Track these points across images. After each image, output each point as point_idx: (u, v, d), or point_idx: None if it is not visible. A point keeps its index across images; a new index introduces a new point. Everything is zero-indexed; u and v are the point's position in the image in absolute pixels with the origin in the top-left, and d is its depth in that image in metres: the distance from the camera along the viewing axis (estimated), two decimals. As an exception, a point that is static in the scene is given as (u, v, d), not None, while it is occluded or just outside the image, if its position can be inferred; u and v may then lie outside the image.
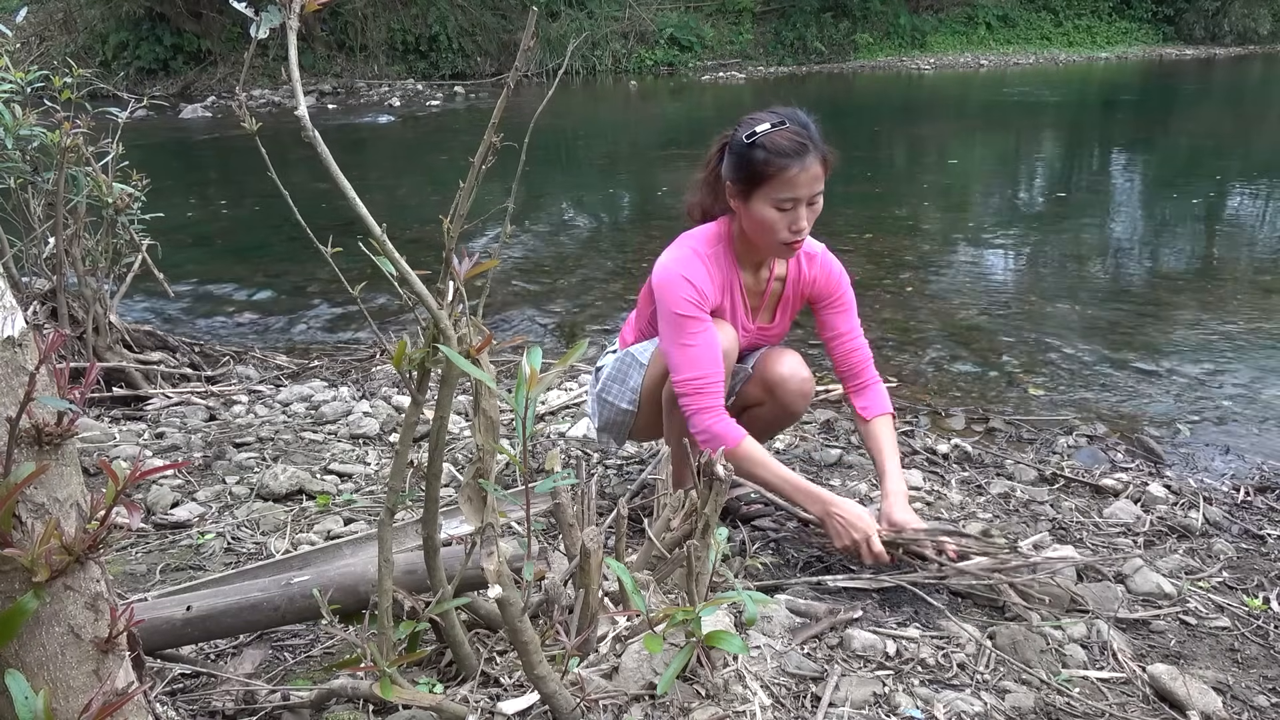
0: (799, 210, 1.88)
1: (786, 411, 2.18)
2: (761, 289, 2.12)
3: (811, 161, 1.86)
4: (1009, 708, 1.52)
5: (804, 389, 2.13)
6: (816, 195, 1.90)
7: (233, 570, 1.88)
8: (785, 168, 1.85)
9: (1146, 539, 2.28)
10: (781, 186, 1.86)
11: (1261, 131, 11.79)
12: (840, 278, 2.13)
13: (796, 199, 1.87)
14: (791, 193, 1.86)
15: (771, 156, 1.85)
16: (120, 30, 17.73)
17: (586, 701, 1.32)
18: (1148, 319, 4.43)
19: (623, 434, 2.23)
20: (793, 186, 1.86)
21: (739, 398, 2.22)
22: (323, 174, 1.03)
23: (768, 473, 1.95)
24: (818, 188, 1.89)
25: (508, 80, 1.10)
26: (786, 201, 1.87)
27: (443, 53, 19.22)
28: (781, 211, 1.88)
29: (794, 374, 2.12)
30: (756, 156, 1.86)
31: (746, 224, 1.96)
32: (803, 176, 1.85)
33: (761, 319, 2.16)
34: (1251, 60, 23.20)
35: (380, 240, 1.11)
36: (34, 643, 0.90)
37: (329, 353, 4.11)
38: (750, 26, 22.24)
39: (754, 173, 1.87)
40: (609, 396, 2.18)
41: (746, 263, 2.07)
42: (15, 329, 0.87)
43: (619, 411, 2.17)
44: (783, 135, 1.86)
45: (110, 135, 3.15)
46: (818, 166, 1.87)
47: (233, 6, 1.05)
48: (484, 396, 1.27)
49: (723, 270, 2.02)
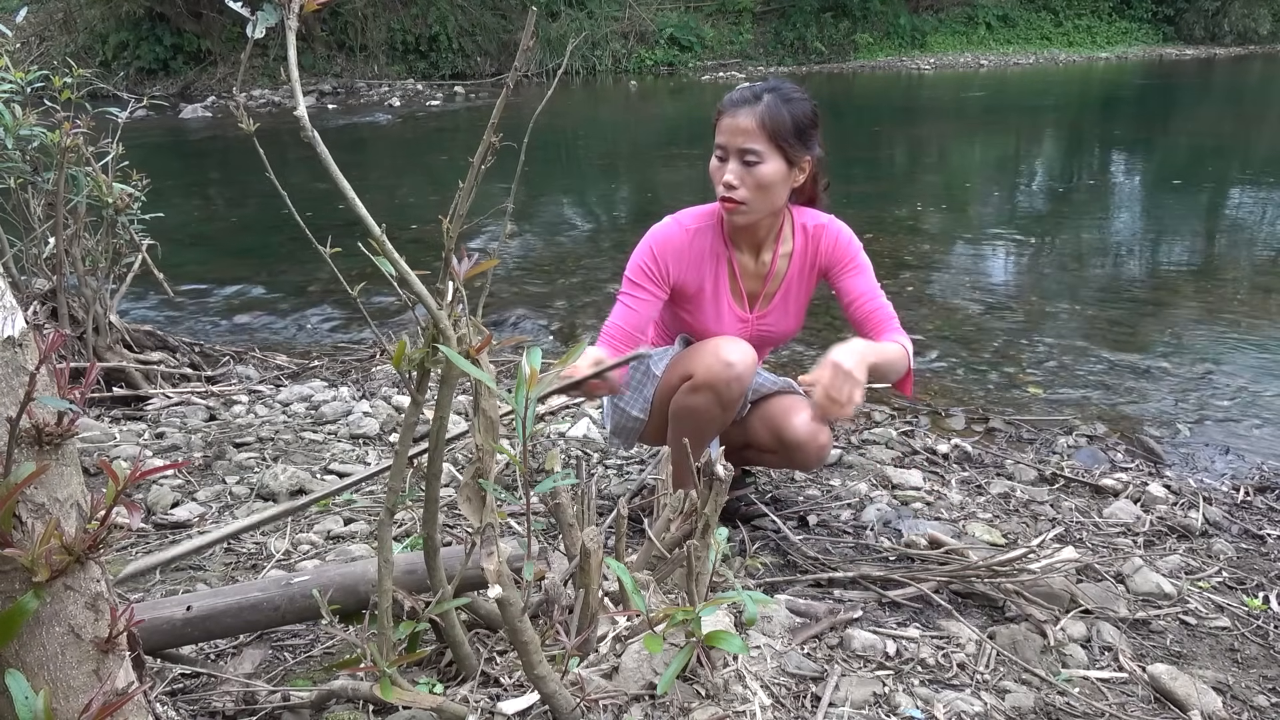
0: (728, 163, 1.92)
1: (796, 467, 2.21)
2: (763, 271, 2.08)
3: (744, 113, 1.88)
4: (1009, 708, 1.52)
5: (822, 455, 2.10)
6: (747, 153, 1.88)
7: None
8: (720, 114, 1.93)
9: (1146, 539, 2.28)
10: (718, 134, 1.93)
11: (1261, 131, 11.79)
12: (850, 242, 2.07)
13: (725, 147, 1.91)
14: (721, 138, 1.92)
15: (720, 104, 1.94)
16: (120, 30, 17.72)
17: (586, 701, 1.32)
18: (1148, 319, 4.43)
19: (632, 439, 2.24)
20: (723, 134, 1.92)
21: (748, 431, 2.17)
22: (323, 174, 1.03)
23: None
24: (743, 142, 1.88)
25: (508, 80, 1.10)
26: (719, 149, 1.93)
27: (443, 53, 19.22)
28: (718, 161, 1.94)
29: (813, 439, 2.05)
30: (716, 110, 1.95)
31: None
32: (729, 125, 1.90)
33: (759, 307, 2.10)
34: (1251, 60, 23.20)
35: (380, 240, 1.10)
36: (34, 643, 0.90)
37: (329, 353, 4.11)
38: (750, 26, 22.23)
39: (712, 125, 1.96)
40: (621, 403, 2.17)
41: (741, 241, 2.05)
42: (15, 329, 0.87)
43: (630, 418, 2.17)
44: (739, 91, 1.94)
45: (110, 135, 3.14)
46: (750, 121, 1.87)
47: (231, 7, 1.05)
48: (484, 396, 1.27)
49: (708, 247, 2.02)
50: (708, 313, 2.06)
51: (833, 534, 2.25)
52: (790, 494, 2.48)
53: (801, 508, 2.38)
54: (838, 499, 2.45)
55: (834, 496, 2.47)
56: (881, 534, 2.23)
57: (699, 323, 2.07)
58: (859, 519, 2.32)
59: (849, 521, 2.32)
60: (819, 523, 2.30)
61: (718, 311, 2.06)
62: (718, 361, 1.93)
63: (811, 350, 3.97)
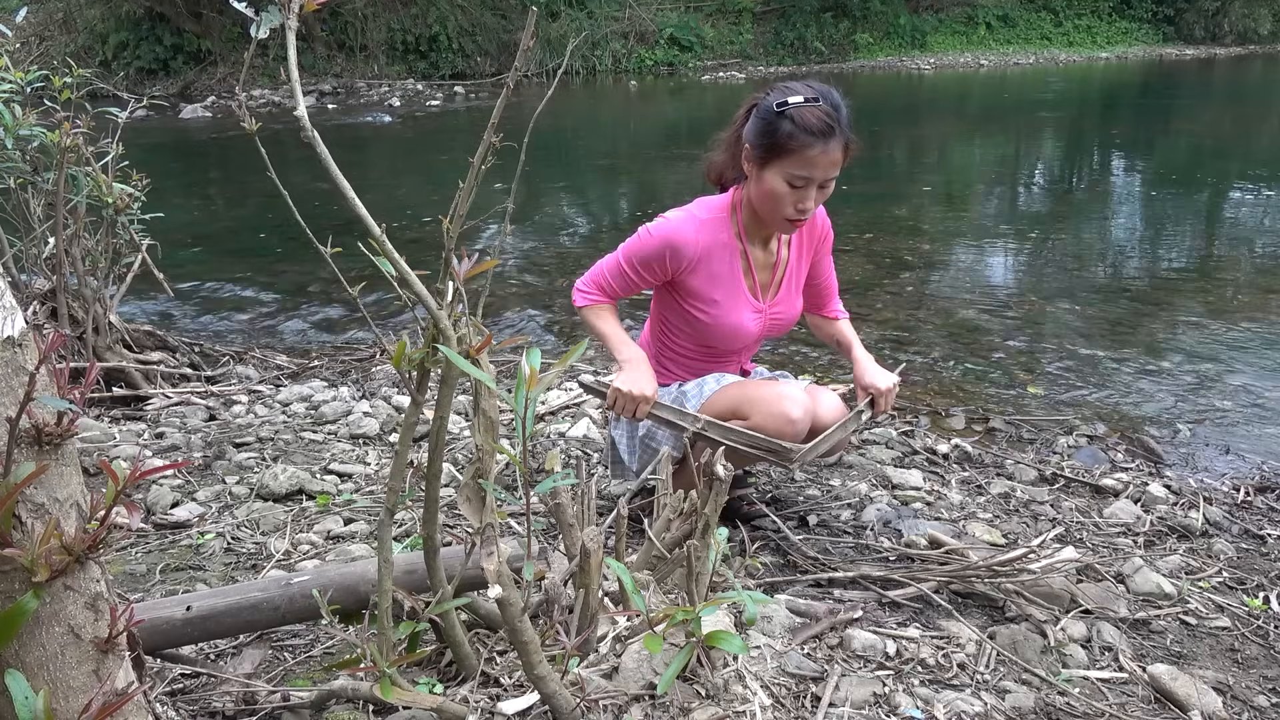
0: (809, 190, 1.88)
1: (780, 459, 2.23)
2: (772, 261, 2.10)
3: (834, 145, 1.85)
4: (1009, 708, 1.52)
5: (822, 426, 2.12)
6: (830, 179, 1.90)
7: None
8: (808, 145, 1.83)
9: (1146, 539, 2.28)
10: (799, 164, 1.85)
11: (1261, 131, 11.79)
12: (827, 220, 2.21)
13: (810, 179, 1.86)
14: (807, 171, 1.85)
15: (797, 131, 1.83)
16: (120, 30, 17.72)
17: (586, 701, 1.32)
18: (1148, 319, 4.43)
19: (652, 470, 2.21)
20: (810, 166, 1.85)
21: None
22: (323, 174, 1.03)
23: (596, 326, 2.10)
24: (834, 172, 1.89)
25: (508, 80, 1.10)
26: (800, 179, 1.86)
27: (443, 53, 19.22)
28: (792, 188, 1.88)
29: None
30: (782, 128, 1.84)
31: (754, 191, 1.95)
32: (822, 159, 1.84)
33: (770, 296, 2.12)
34: (1251, 60, 23.21)
35: (380, 240, 1.10)
36: (34, 643, 0.90)
37: (329, 353, 4.11)
38: (750, 26, 22.23)
39: (776, 143, 1.86)
40: (653, 444, 2.14)
41: (754, 235, 2.06)
42: (15, 329, 0.87)
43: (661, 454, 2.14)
44: (813, 112, 1.84)
45: (110, 135, 3.14)
46: (839, 152, 1.86)
47: (233, 6, 1.05)
48: (484, 396, 1.27)
49: (722, 242, 2.02)
50: (723, 307, 2.05)
51: (833, 534, 2.24)
52: (790, 494, 2.48)
53: (801, 508, 2.38)
54: (838, 499, 2.45)
55: (834, 496, 2.47)
56: (881, 534, 2.23)
57: (714, 319, 2.06)
58: (859, 519, 2.32)
59: (849, 521, 2.31)
60: (819, 523, 2.30)
61: (733, 305, 2.05)
62: (781, 417, 1.93)
63: (815, 352, 3.97)
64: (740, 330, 2.07)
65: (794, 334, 3.87)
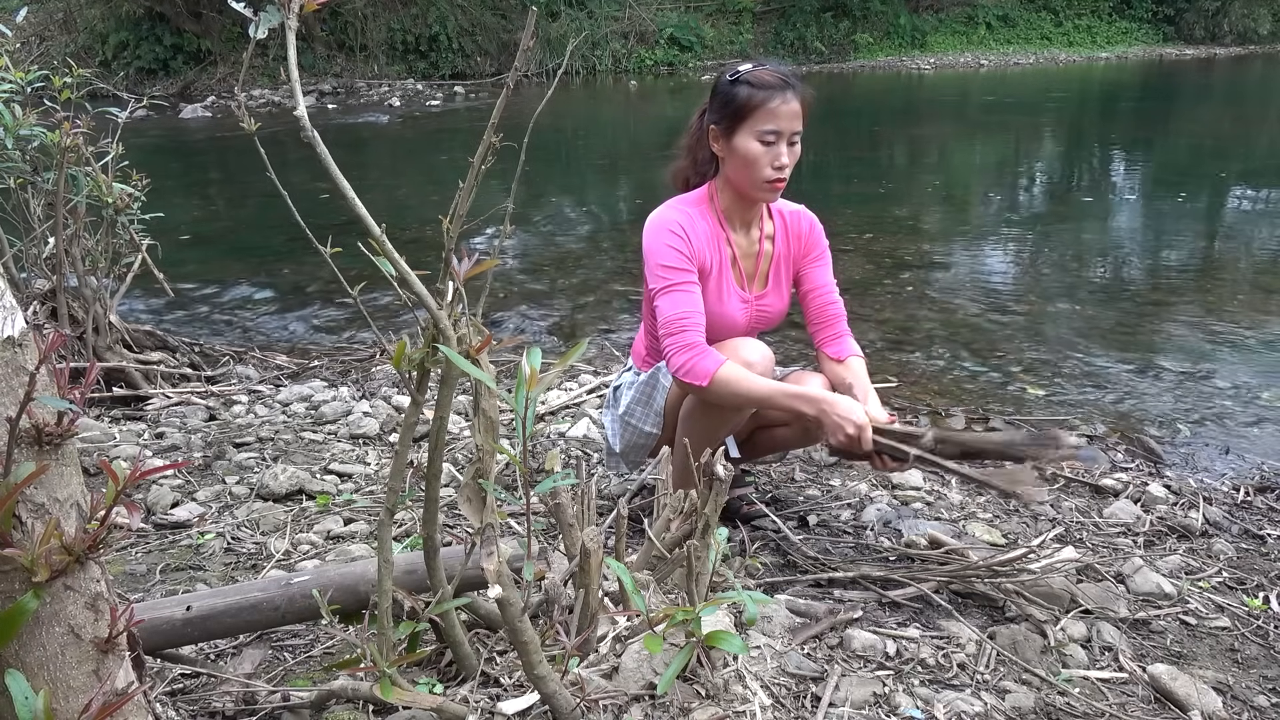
0: (780, 145, 1.93)
1: (809, 441, 2.19)
2: (754, 250, 2.11)
3: (792, 96, 1.92)
4: (1009, 708, 1.52)
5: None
6: (796, 134, 1.95)
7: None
8: (768, 99, 1.91)
9: (1147, 539, 2.28)
10: (764, 118, 1.91)
11: (1261, 131, 11.79)
12: (820, 232, 2.18)
13: (778, 131, 1.92)
14: (774, 124, 1.91)
15: (754, 90, 1.91)
16: (120, 30, 17.72)
17: (586, 701, 1.32)
18: (1148, 319, 4.43)
19: (642, 456, 2.22)
20: (775, 118, 1.91)
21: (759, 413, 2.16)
22: (323, 174, 1.03)
23: (755, 388, 1.89)
24: (797, 125, 1.94)
25: (508, 80, 1.10)
26: (769, 134, 1.92)
27: (443, 53, 19.22)
28: (765, 145, 1.92)
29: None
30: (740, 92, 1.93)
31: (730, 168, 1.98)
32: (784, 108, 1.91)
33: (756, 286, 2.12)
34: (1251, 60, 23.21)
35: (380, 240, 1.10)
36: (34, 643, 0.90)
37: (329, 353, 4.11)
38: (750, 26, 22.24)
39: (738, 108, 1.93)
40: (633, 420, 2.16)
41: (735, 220, 2.07)
42: (15, 329, 0.87)
43: (643, 434, 2.16)
44: (764, 72, 1.94)
45: (110, 135, 3.14)
46: (797, 104, 1.93)
47: (232, 6, 1.05)
48: (484, 396, 1.27)
49: (710, 227, 2.03)
50: (712, 293, 2.04)
51: (833, 534, 2.25)
52: (790, 494, 2.48)
53: (801, 508, 2.38)
54: (838, 499, 2.45)
55: (834, 496, 2.47)
56: (881, 534, 2.23)
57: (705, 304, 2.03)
58: (859, 519, 2.32)
59: (849, 521, 2.32)
60: (819, 523, 2.30)
61: (721, 294, 2.05)
62: (738, 362, 1.94)
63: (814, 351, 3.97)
64: (727, 319, 2.07)
65: (795, 335, 3.87)
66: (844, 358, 2.13)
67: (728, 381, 1.88)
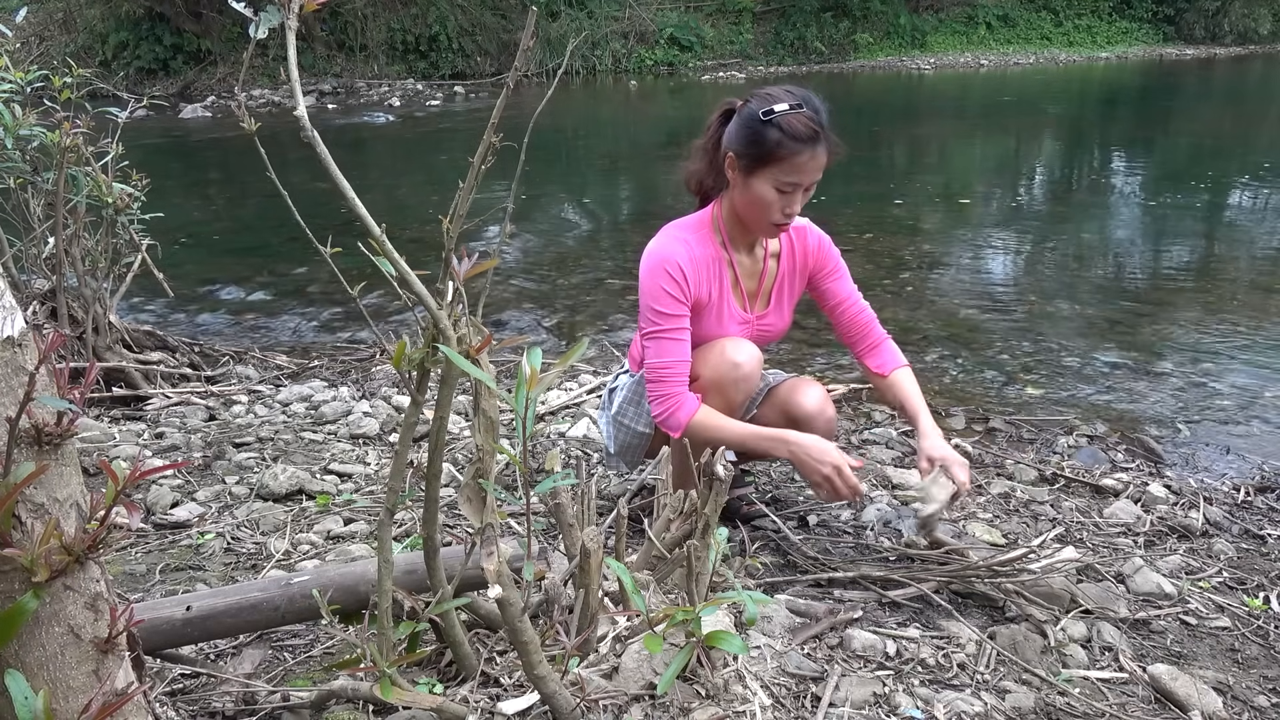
0: (796, 194, 1.90)
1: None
2: (758, 269, 2.10)
3: (821, 150, 1.87)
4: (1009, 708, 1.52)
5: (830, 427, 2.11)
6: (814, 184, 1.93)
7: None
8: (796, 152, 1.85)
9: (1147, 539, 2.28)
10: (788, 170, 1.86)
11: (1261, 131, 11.79)
12: (831, 245, 2.16)
13: (798, 184, 1.88)
14: (796, 178, 1.87)
15: (785, 139, 1.84)
16: (120, 30, 17.72)
17: (586, 701, 1.32)
18: (1148, 319, 4.43)
19: (638, 456, 2.22)
20: (799, 172, 1.87)
21: (754, 419, 2.18)
22: (323, 174, 1.03)
23: (728, 433, 1.93)
24: (818, 176, 1.92)
25: (508, 80, 1.10)
26: (788, 185, 1.88)
27: (443, 53, 19.21)
28: (781, 194, 1.89)
29: (822, 412, 2.09)
30: (769, 135, 1.85)
31: (739, 198, 1.95)
32: (810, 164, 1.87)
33: (758, 306, 2.12)
34: (1251, 60, 23.20)
35: (380, 240, 1.10)
36: (34, 643, 0.90)
37: (329, 353, 4.11)
38: (750, 26, 22.23)
39: (764, 151, 1.87)
40: (625, 420, 2.16)
41: (739, 243, 2.06)
42: (15, 329, 0.87)
43: (635, 434, 2.16)
44: (799, 119, 1.85)
45: (110, 135, 3.14)
46: (824, 156, 1.89)
47: (232, 6, 1.05)
48: (484, 396, 1.27)
49: (710, 255, 2.01)
50: (711, 318, 2.05)
51: (833, 534, 2.24)
52: (790, 494, 2.48)
53: (801, 508, 2.38)
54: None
55: (834, 496, 2.47)
56: (881, 534, 2.23)
57: (702, 328, 2.05)
58: (859, 519, 2.32)
59: (849, 521, 2.31)
60: (819, 523, 2.30)
61: (720, 314, 2.05)
62: (725, 363, 1.95)
63: (818, 351, 3.97)
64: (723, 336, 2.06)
65: (794, 336, 3.87)
66: (887, 372, 2.13)
67: (700, 430, 1.93)
